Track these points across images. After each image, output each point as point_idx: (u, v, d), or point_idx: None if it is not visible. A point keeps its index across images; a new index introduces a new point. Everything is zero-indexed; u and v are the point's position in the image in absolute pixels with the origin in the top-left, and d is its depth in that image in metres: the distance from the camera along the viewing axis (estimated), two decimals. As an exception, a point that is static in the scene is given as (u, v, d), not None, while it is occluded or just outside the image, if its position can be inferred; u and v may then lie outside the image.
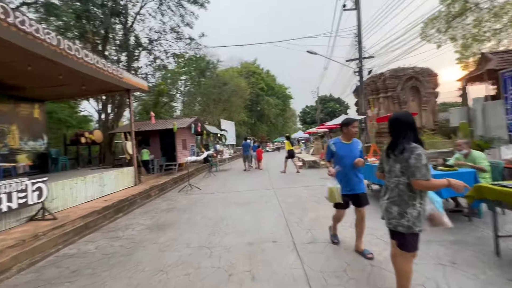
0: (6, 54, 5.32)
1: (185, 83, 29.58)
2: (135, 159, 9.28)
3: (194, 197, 7.02)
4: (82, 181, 6.59)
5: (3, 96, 8.05)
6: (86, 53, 6.16)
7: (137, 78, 8.96)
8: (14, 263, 3.05)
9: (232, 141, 29.72)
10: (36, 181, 4.98)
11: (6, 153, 8.10)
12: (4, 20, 4.16)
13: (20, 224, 4.82)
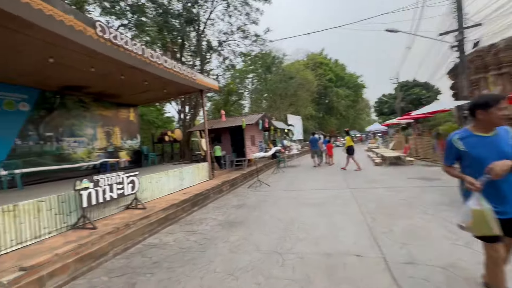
0: (105, 67, 6.28)
1: (252, 81, 30.41)
2: (209, 155, 9.88)
3: (263, 194, 6.90)
4: (166, 175, 7.30)
5: (108, 103, 9.76)
6: (165, 59, 6.73)
7: (208, 79, 9.44)
8: (111, 248, 3.45)
9: (299, 136, 28.97)
10: (130, 175, 5.69)
11: (112, 150, 9.81)
12: (102, 37, 4.84)
13: (119, 211, 5.63)
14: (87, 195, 4.62)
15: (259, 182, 8.29)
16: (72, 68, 6.08)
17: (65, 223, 4.51)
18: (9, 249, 3.69)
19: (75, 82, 7.31)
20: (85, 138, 8.77)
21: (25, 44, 4.81)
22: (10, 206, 3.78)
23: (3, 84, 6.54)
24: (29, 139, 7.10)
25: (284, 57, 29.91)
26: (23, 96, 7.00)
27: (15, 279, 2.46)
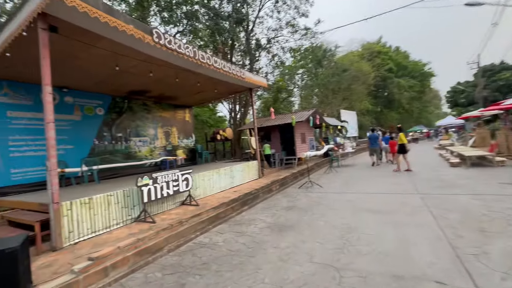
0: (161, 71, 6.70)
1: (302, 77, 29.51)
2: (258, 153, 9.83)
3: (315, 196, 6.45)
4: (217, 173, 7.49)
5: (166, 105, 10.56)
6: (215, 59, 6.85)
7: (257, 77, 9.35)
8: (166, 244, 3.59)
9: (354, 133, 26.93)
10: (184, 173, 5.96)
11: (170, 149, 10.61)
12: (158, 43, 5.14)
13: (175, 206, 5.96)
14: (147, 191, 4.97)
15: (310, 182, 7.83)
16: (134, 74, 6.68)
17: (130, 216, 4.94)
18: (86, 237, 4.19)
19: (138, 87, 8.06)
20: (148, 138, 9.66)
21: (96, 56, 5.42)
22: (86, 199, 4.29)
23: (84, 93, 7.61)
24: (104, 139, 8.13)
25: (336, 49, 28.15)
26: (99, 102, 8.04)
27: (84, 268, 2.68)
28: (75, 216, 4.08)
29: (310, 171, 11.29)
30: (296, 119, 11.70)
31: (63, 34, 4.32)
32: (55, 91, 6.97)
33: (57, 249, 3.77)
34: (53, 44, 4.74)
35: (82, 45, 4.97)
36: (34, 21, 3.88)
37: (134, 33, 4.61)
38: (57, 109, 7.00)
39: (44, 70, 3.93)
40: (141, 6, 13.82)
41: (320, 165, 13.45)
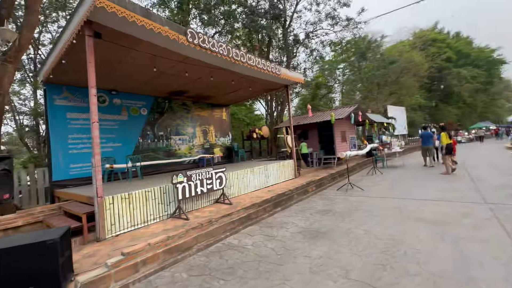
0: (197, 71, 6.83)
1: (343, 71, 27.88)
2: (294, 152, 9.50)
3: (355, 200, 5.90)
4: (251, 172, 7.40)
5: (204, 105, 10.86)
6: (249, 56, 6.74)
7: (293, 72, 8.99)
8: (195, 243, 3.59)
9: (403, 130, 24.51)
10: (218, 171, 5.98)
11: (208, 147, 10.90)
12: (192, 42, 5.21)
13: (209, 204, 6.03)
14: (182, 188, 5.09)
15: (350, 184, 7.23)
16: (173, 75, 6.94)
17: (166, 212, 5.13)
18: (126, 230, 4.46)
19: (177, 88, 8.40)
20: (187, 136, 10.06)
21: (138, 59, 5.73)
22: (126, 194, 4.55)
23: (130, 94, 8.21)
24: (148, 138, 8.68)
25: (382, 39, 25.87)
26: (143, 102, 8.61)
27: (116, 263, 2.78)
28: (116, 210, 4.35)
29: (350, 172, 10.55)
30: (335, 116, 11.01)
31: (106, 40, 4.61)
32: (105, 93, 7.65)
33: (101, 240, 4.06)
34: (100, 51, 5.16)
35: (124, 49, 5.29)
36: (82, 29, 4.22)
37: (169, 34, 4.72)
38: (107, 110, 7.68)
39: (90, 74, 4.25)
40: (181, 10, 14.48)
41: (363, 166, 12.48)
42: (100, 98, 7.50)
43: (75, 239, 3.99)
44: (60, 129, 6.63)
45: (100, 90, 7.50)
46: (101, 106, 7.52)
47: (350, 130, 13.56)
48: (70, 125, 6.83)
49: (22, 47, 6.90)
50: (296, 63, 16.63)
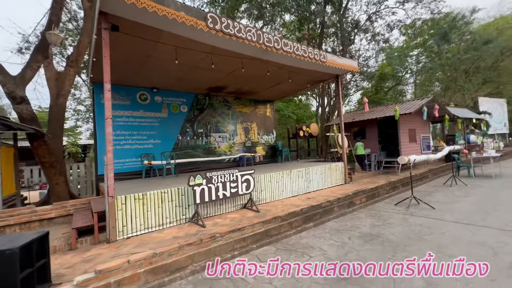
0: (227, 63, 6.26)
1: (417, 59, 23.58)
2: (345, 153, 8.11)
3: (419, 223, 4.35)
4: (288, 175, 6.50)
5: (247, 101, 10.33)
6: (285, 42, 5.81)
7: (343, 59, 7.59)
8: (190, 263, 2.98)
9: (502, 128, 19.21)
10: (245, 173, 5.31)
11: (249, 145, 10.36)
12: (213, 28, 4.63)
13: (235, 209, 5.42)
14: (200, 191, 4.60)
15: (415, 199, 5.53)
16: (205, 69, 6.54)
17: (184, 215, 4.73)
18: (138, 233, 4.20)
19: (215, 84, 8.06)
20: (227, 134, 9.72)
21: (164, 52, 5.47)
22: (140, 194, 4.30)
23: (170, 92, 8.27)
24: (187, 135, 8.65)
25: (473, 14, 20.68)
26: (183, 100, 8.59)
27: (85, 281, 2.38)
28: (129, 210, 4.12)
29: (419, 180, 8.44)
30: (401, 111, 9.00)
31: (124, 32, 4.42)
32: (147, 91, 7.84)
33: (111, 242, 3.86)
34: (125, 46, 5.09)
35: (148, 43, 5.09)
36: (98, 22, 4.10)
37: (185, 20, 4.25)
38: (148, 107, 7.86)
39: (105, 68, 4.09)
40: (231, 7, 14.31)
41: (438, 173, 9.95)
42: (142, 96, 7.73)
43: (87, 238, 3.90)
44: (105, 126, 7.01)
45: (142, 88, 7.75)
46: (143, 104, 7.75)
47: (422, 128, 11.04)
48: (114, 122, 7.18)
49: (81, 52, 7.61)
50: (354, 51, 14.56)
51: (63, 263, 3.29)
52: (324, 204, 4.95)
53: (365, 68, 19.61)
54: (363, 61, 16.19)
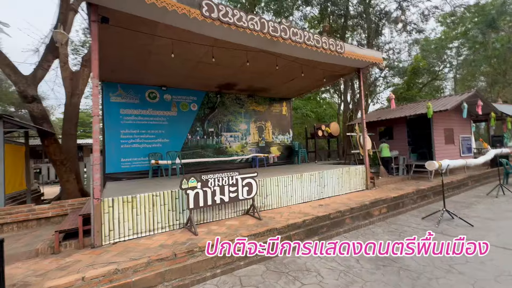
0: (233, 57, 5.84)
1: (457, 51, 21.17)
2: (366, 155, 7.28)
3: (451, 244, 3.51)
4: (298, 178, 5.91)
5: (261, 99, 9.83)
6: (294, 31, 5.22)
7: (365, 49, 6.76)
8: (160, 282, 2.57)
9: None
10: (246, 177, 4.85)
11: (263, 145, 9.85)
12: (209, 17, 4.21)
13: (236, 215, 4.98)
14: (194, 195, 4.23)
15: (449, 212, 4.59)
16: (210, 64, 6.14)
17: (177, 221, 4.39)
18: (127, 238, 3.94)
19: (223, 80, 7.68)
20: (240, 133, 9.31)
21: (165, 47, 5.18)
22: (129, 197, 4.03)
23: (180, 90, 8.07)
24: (197, 134, 8.40)
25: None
26: (193, 98, 8.35)
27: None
28: (116, 214, 3.87)
29: (457, 188, 7.26)
30: (435, 108, 7.86)
31: (114, 24, 4.18)
32: (156, 89, 7.71)
33: (95, 247, 3.64)
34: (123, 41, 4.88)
35: (146, 37, 4.83)
36: (88, 14, 3.91)
37: (177, 8, 3.88)
38: (157, 106, 7.71)
39: (93, 62, 3.87)
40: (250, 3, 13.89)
41: (480, 180, 8.57)
42: (151, 95, 7.61)
43: (71, 242, 3.71)
44: (113, 125, 6.99)
45: (151, 86, 7.62)
46: (152, 102, 7.62)
47: (462, 127, 9.65)
48: (122, 121, 7.14)
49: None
50: (382, 44, 13.29)
51: (38, 269, 3.09)
52: (334, 215, 4.28)
53: (396, 63, 18.01)
54: (392, 54, 14.78)
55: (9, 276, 3.00)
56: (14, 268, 3.17)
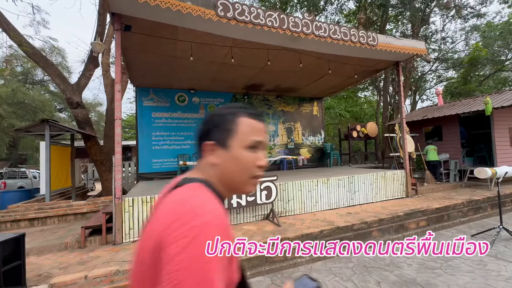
0: (255, 57, 5.70)
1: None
2: (406, 158, 6.50)
3: (509, 274, 2.80)
4: (324, 183, 5.52)
5: (290, 99, 9.52)
6: (317, 25, 4.87)
7: (404, 40, 6.04)
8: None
9: None
10: (265, 180, 4.67)
11: (292, 147, 9.51)
12: (224, 17, 4.14)
13: (255, 220, 4.84)
14: (210, 198, 4.20)
15: (508, 231, 3.71)
16: (234, 66, 6.10)
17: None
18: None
19: (248, 81, 7.60)
20: (267, 135, 9.12)
21: (187, 50, 5.28)
22: (148, 197, 4.16)
23: (208, 92, 8.24)
24: (224, 136, 8.45)
25: None
26: (221, 100, 8.45)
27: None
28: (136, 213, 4.03)
29: None
30: (494, 104, 6.64)
31: (137, 32, 4.37)
32: (185, 93, 7.98)
33: (116, 244, 3.83)
34: (148, 48, 5.12)
35: (169, 42, 4.98)
36: (112, 24, 4.16)
37: (191, 11, 3.89)
38: (186, 109, 7.98)
39: (116, 69, 4.10)
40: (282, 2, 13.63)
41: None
42: (180, 98, 7.90)
43: (96, 238, 3.96)
44: (146, 127, 7.42)
45: (180, 90, 7.92)
46: (181, 105, 7.91)
47: (535, 126, 7.98)
48: (154, 124, 7.53)
49: (132, 60, 8.30)
50: (430, 33, 11.79)
51: (63, 262, 3.34)
52: (358, 226, 3.81)
53: (450, 54, 15.88)
54: (443, 44, 13.03)
55: (39, 265, 3.31)
56: (45, 259, 3.48)
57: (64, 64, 18.18)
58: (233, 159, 0.58)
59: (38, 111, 15.49)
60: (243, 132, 0.59)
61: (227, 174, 0.60)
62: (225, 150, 0.59)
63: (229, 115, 0.61)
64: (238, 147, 0.59)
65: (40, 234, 4.49)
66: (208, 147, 0.60)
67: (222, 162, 0.59)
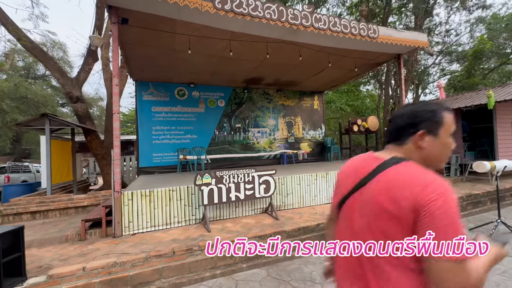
0: (254, 50, 5.64)
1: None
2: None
3: (503, 269, 2.80)
4: (323, 177, 5.53)
5: (290, 93, 9.45)
6: (316, 17, 4.81)
7: (405, 32, 5.94)
8: (157, 278, 2.58)
9: None
10: (263, 174, 4.69)
11: (293, 141, 9.50)
12: (222, 9, 4.09)
13: (253, 214, 4.87)
14: (208, 192, 4.22)
15: (506, 225, 3.69)
16: (233, 59, 6.05)
17: (193, 216, 4.44)
18: (144, 230, 4.12)
19: (248, 75, 7.54)
20: (267, 129, 9.11)
21: (186, 44, 5.23)
22: (147, 191, 4.19)
23: (208, 86, 8.20)
24: (224, 130, 8.46)
25: None
26: (221, 94, 8.41)
27: (34, 285, 2.25)
28: (135, 207, 4.07)
29: None
30: (497, 97, 6.55)
31: (134, 25, 4.33)
32: (185, 87, 7.95)
33: (116, 237, 3.88)
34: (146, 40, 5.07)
35: (167, 35, 4.93)
36: (109, 17, 4.13)
37: (188, 3, 3.84)
38: (186, 103, 7.96)
39: (113, 63, 4.08)
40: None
41: None
42: (180, 92, 7.87)
43: (96, 231, 4.01)
44: (146, 122, 7.43)
45: (180, 84, 7.88)
46: (181, 99, 7.89)
47: (538, 120, 7.88)
48: (154, 118, 7.54)
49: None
50: (434, 25, 11.58)
51: (63, 254, 3.40)
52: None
53: (454, 47, 15.63)
54: (447, 37, 12.80)
55: (40, 257, 3.37)
56: (46, 251, 3.54)
57: (65, 58, 18.17)
58: (442, 144, 0.78)
59: (41, 106, 15.57)
60: (448, 124, 0.78)
61: (433, 155, 0.79)
62: (435, 137, 0.77)
63: (438, 110, 0.79)
64: (445, 135, 0.78)
65: (41, 227, 4.56)
66: (419, 135, 0.77)
67: (429, 146, 0.78)
